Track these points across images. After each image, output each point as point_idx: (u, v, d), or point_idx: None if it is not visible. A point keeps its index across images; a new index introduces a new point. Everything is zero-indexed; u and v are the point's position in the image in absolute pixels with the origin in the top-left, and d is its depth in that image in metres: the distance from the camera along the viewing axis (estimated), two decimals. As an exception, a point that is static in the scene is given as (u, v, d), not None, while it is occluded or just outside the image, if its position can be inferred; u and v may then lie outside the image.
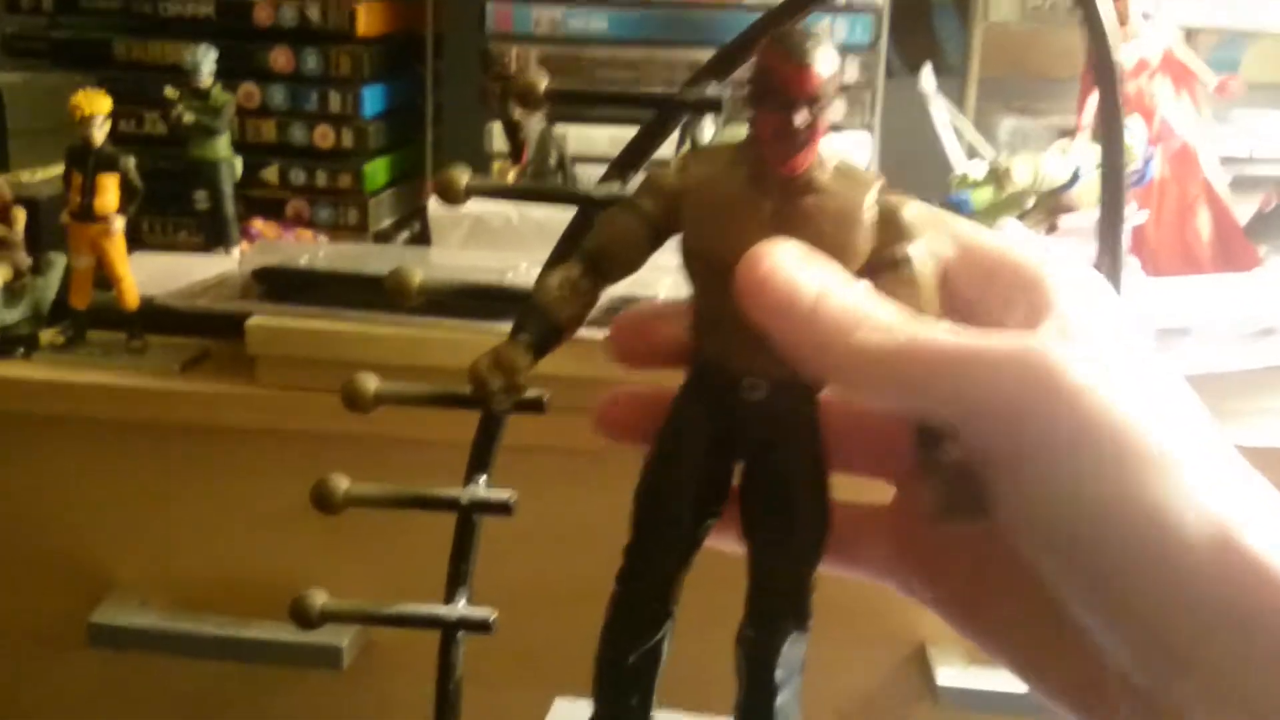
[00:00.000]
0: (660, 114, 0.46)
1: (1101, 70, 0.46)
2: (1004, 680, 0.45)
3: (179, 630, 0.98)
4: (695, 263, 0.34)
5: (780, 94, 0.31)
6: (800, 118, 0.31)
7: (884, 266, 0.33)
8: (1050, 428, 0.29)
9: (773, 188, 0.33)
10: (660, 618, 0.37)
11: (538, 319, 0.35)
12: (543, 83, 0.43)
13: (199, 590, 1.00)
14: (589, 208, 0.47)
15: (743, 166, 0.33)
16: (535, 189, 0.67)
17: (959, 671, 0.91)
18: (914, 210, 0.33)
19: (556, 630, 0.96)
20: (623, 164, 0.46)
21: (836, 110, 0.32)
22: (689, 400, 0.35)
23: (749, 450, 0.34)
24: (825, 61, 0.31)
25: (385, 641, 0.98)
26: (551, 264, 0.46)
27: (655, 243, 0.35)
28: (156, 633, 0.98)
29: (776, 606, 0.35)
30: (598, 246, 0.35)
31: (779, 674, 0.35)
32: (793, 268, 0.31)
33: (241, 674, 1.01)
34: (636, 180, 0.46)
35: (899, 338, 0.30)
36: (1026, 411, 0.29)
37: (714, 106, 0.44)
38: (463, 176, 0.46)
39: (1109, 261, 0.50)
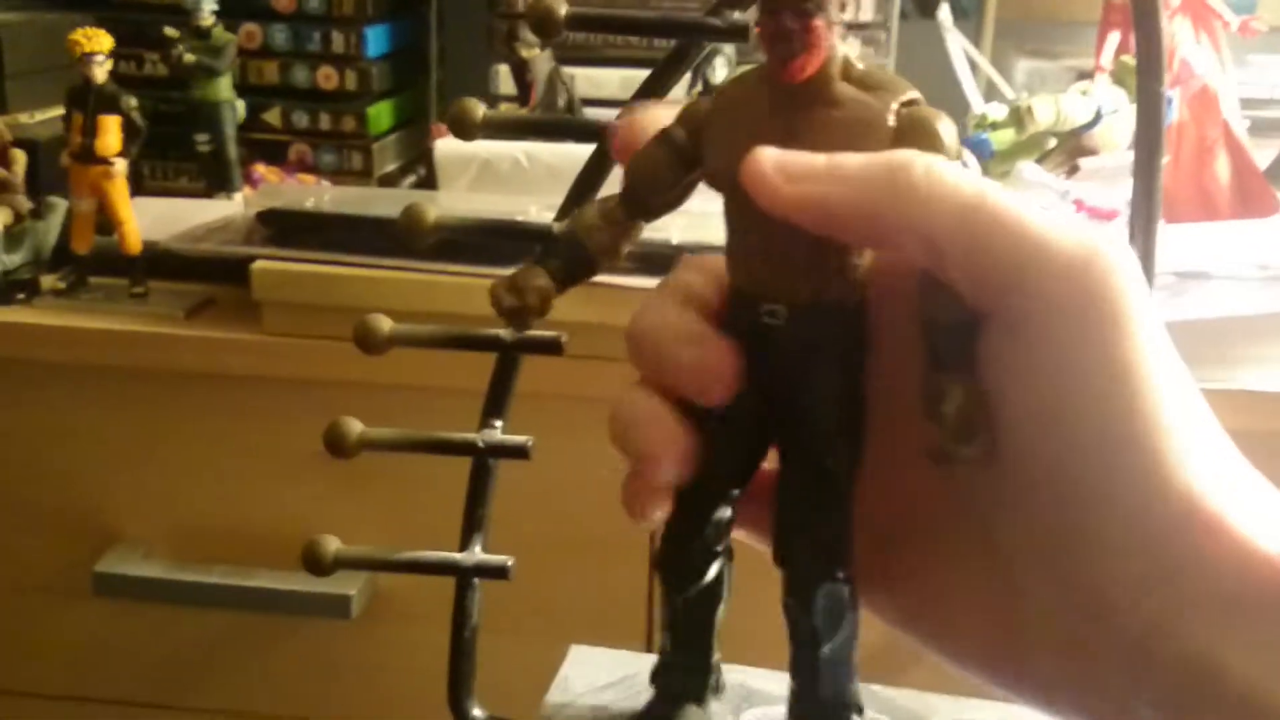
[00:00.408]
0: (682, 43, 0.44)
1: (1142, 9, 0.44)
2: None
3: (184, 579, 0.97)
4: (715, 184, 0.33)
5: None
6: (788, 18, 0.30)
7: None
8: (1095, 329, 0.29)
9: (787, 100, 0.32)
10: (707, 558, 0.36)
11: (567, 246, 0.35)
12: (562, 8, 0.41)
13: (204, 539, 0.99)
14: (605, 141, 0.46)
15: (766, 83, 0.32)
16: (553, 121, 0.65)
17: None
18: (947, 129, 0.31)
19: (572, 580, 0.95)
20: (643, 96, 0.45)
21: (840, 14, 0.31)
22: (725, 329, 0.34)
23: (774, 386, 0.33)
24: None
25: (394, 591, 0.97)
26: (578, 198, 0.45)
27: (686, 170, 0.34)
28: (161, 582, 0.97)
29: (807, 554, 0.34)
30: (630, 177, 0.35)
31: (818, 621, 0.34)
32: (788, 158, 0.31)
33: (248, 623, 1.00)
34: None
35: (967, 190, 0.30)
36: (1079, 306, 0.29)
37: (739, 34, 0.42)
38: (478, 108, 0.44)
39: (1145, 203, 0.48)
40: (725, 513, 0.36)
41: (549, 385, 0.81)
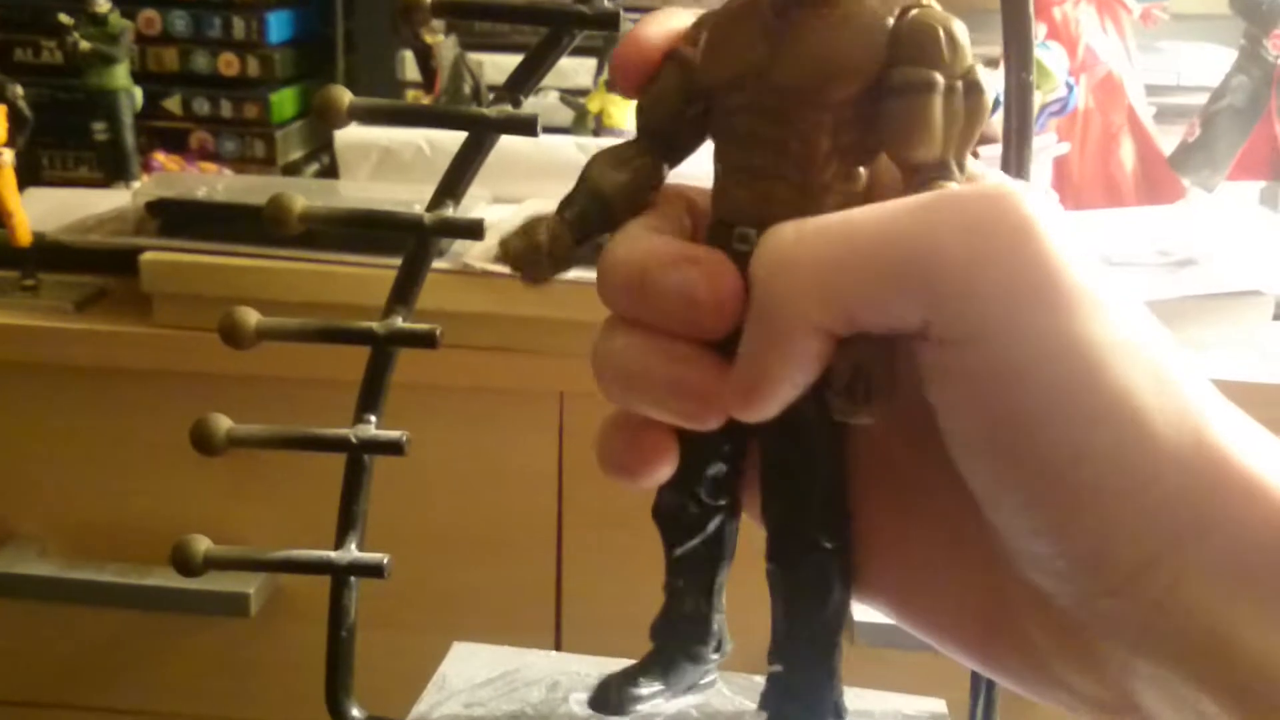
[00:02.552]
0: (554, 30, 0.43)
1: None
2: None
3: (79, 578, 0.95)
4: (704, 96, 0.31)
5: None
6: None
7: (892, 92, 0.29)
8: (1020, 273, 0.26)
9: (789, 4, 0.29)
10: (707, 512, 0.34)
11: (582, 194, 0.32)
12: (426, -1, 0.40)
13: (99, 536, 0.97)
14: (484, 130, 0.45)
15: None
16: (425, 109, 0.64)
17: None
18: (959, 36, 0.29)
19: (456, 574, 0.95)
20: (516, 83, 0.44)
21: None
22: None
23: None
24: None
25: (293, 589, 0.96)
26: (448, 189, 0.44)
27: (694, 89, 0.31)
28: (56, 581, 0.95)
29: (790, 527, 0.32)
30: (641, 111, 0.32)
31: (800, 591, 0.32)
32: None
33: (146, 622, 0.98)
34: (530, 101, 0.44)
35: (831, 247, 0.27)
36: (996, 252, 0.26)
37: (609, 22, 0.41)
38: (344, 96, 0.43)
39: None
40: (723, 467, 0.33)
41: (429, 376, 0.81)
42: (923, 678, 0.51)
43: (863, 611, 0.34)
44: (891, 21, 0.29)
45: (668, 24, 0.32)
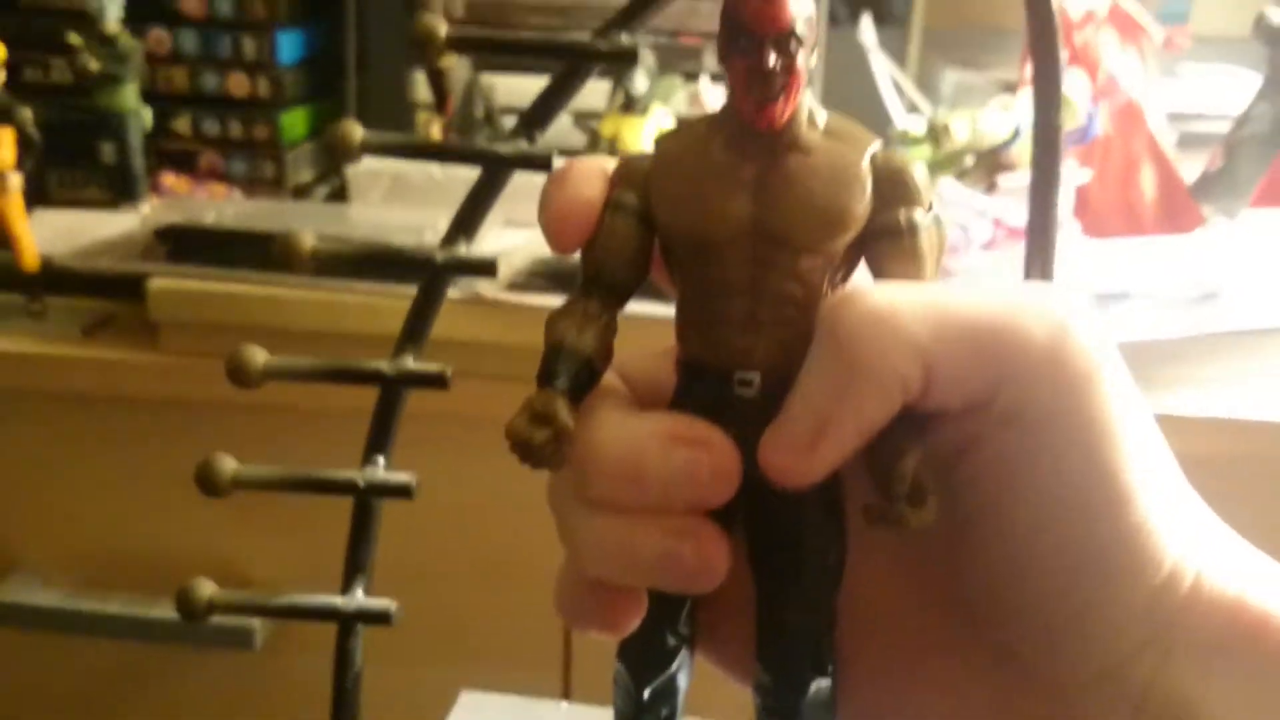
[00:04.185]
0: (571, 65, 0.42)
1: (1038, 22, 0.43)
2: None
3: (84, 609, 0.94)
4: (675, 244, 0.30)
5: (749, 32, 0.28)
6: (772, 57, 0.28)
7: (882, 234, 0.30)
8: (1081, 426, 0.29)
9: (754, 149, 0.29)
10: (676, 646, 0.33)
11: (565, 359, 0.30)
12: (442, 28, 0.40)
13: (104, 567, 0.96)
14: (499, 167, 0.44)
15: (720, 133, 0.30)
16: (438, 146, 0.63)
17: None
18: (921, 175, 0.30)
19: (466, 609, 0.93)
20: (532, 119, 0.43)
21: (812, 58, 0.29)
22: (680, 410, 0.30)
23: (748, 464, 0.30)
24: None
25: (299, 622, 0.95)
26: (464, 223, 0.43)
27: (649, 235, 0.31)
28: (60, 612, 0.94)
29: (790, 653, 0.32)
30: (594, 264, 0.31)
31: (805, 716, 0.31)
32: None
33: (151, 654, 0.97)
34: (546, 136, 0.43)
35: (921, 317, 0.28)
36: (1062, 400, 0.29)
37: (628, 57, 0.41)
38: (356, 131, 0.42)
39: (1041, 232, 0.46)
40: (688, 601, 0.33)
41: (475, 407, 0.80)
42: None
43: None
44: (865, 165, 0.29)
45: (596, 173, 0.31)
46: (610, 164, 0.31)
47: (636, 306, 0.32)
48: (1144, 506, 0.29)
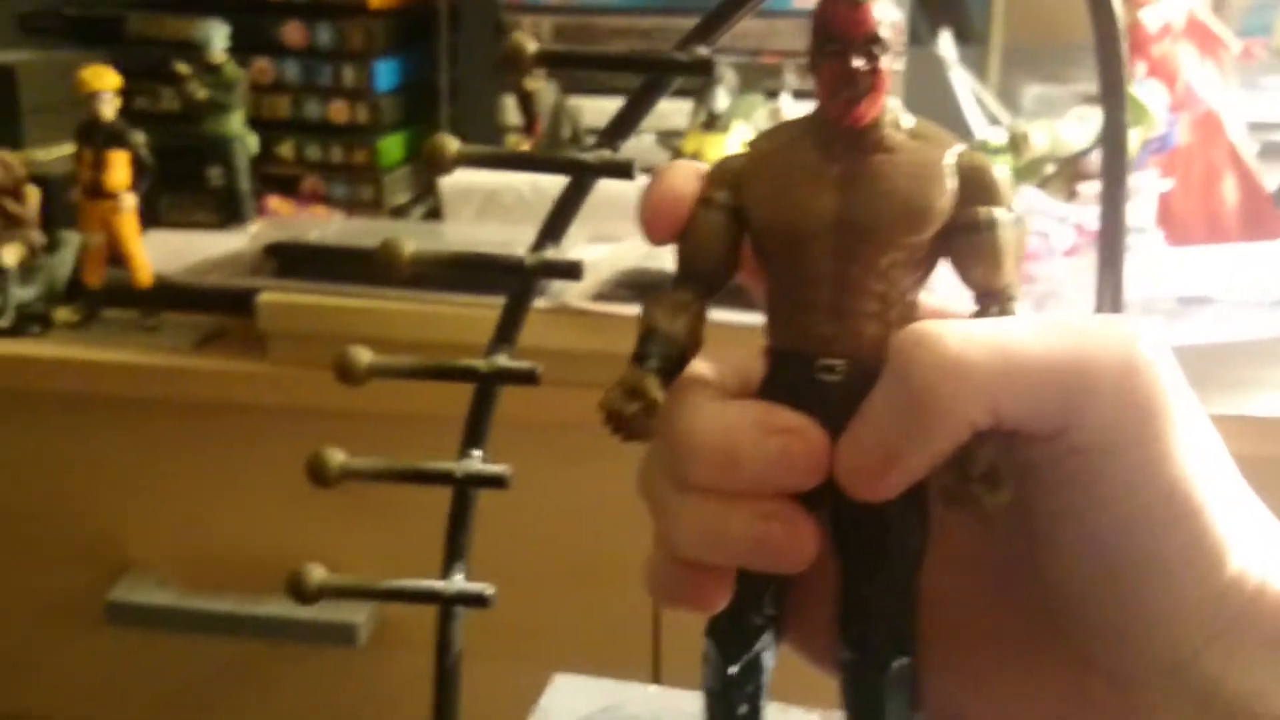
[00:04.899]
0: (650, 77, 0.45)
1: (1104, 37, 0.45)
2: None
3: (195, 607, 0.98)
4: (765, 238, 0.32)
5: (837, 37, 0.30)
6: (859, 60, 0.29)
7: (963, 230, 0.31)
8: (1150, 447, 0.30)
9: (840, 148, 0.31)
10: (762, 625, 0.34)
11: (657, 342, 0.32)
12: (530, 46, 0.42)
13: (215, 567, 1.00)
14: (583, 175, 0.47)
15: (809, 134, 0.31)
16: (527, 155, 0.66)
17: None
18: (1004, 175, 0.31)
19: (558, 606, 0.96)
20: (614, 129, 0.45)
21: (898, 61, 0.30)
22: (768, 395, 0.32)
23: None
24: (881, 1, 0.30)
25: (400, 618, 0.98)
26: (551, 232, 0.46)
27: (739, 230, 0.32)
28: (173, 610, 0.98)
29: (872, 632, 0.33)
30: (686, 256, 0.33)
31: (890, 710, 0.33)
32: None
33: (257, 651, 1.01)
34: (629, 145, 0.46)
35: (987, 356, 0.29)
36: (1134, 427, 0.30)
37: (705, 68, 0.43)
38: (451, 144, 0.45)
39: (1110, 236, 0.48)
40: (773, 582, 0.34)
41: (531, 412, 0.82)
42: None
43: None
44: (947, 163, 0.31)
45: (691, 173, 0.33)
46: (705, 167, 0.33)
47: (726, 314, 0.34)
48: (1211, 516, 0.30)
